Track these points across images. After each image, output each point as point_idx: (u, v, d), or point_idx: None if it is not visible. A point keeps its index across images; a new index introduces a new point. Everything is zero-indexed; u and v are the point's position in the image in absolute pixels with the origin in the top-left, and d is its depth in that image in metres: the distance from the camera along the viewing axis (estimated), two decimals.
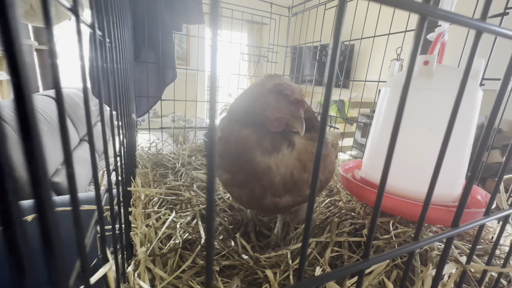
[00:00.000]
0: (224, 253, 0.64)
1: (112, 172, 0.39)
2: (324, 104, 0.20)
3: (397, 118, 0.21)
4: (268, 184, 0.56)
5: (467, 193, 0.29)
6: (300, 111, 0.53)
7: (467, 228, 0.29)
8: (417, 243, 0.25)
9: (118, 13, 0.79)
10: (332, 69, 0.20)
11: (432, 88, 0.58)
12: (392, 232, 0.54)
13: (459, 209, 0.29)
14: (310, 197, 0.21)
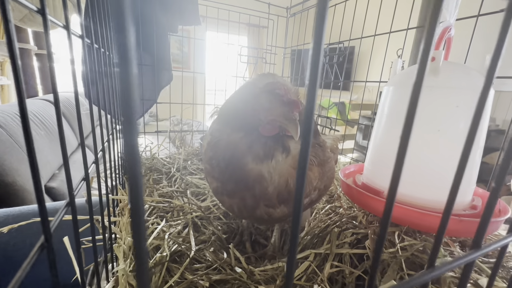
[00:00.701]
0: (215, 266, 0.60)
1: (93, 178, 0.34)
2: (306, 111, 0.16)
3: (408, 119, 0.17)
4: (260, 194, 0.51)
5: (491, 208, 0.24)
6: (295, 113, 0.48)
7: (491, 249, 0.25)
8: (433, 272, 0.21)
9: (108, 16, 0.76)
10: (315, 70, 0.15)
11: (439, 86, 0.53)
12: (398, 245, 0.49)
13: (481, 227, 0.25)
14: (293, 226, 0.16)
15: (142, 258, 0.13)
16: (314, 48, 0.15)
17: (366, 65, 3.55)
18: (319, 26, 0.15)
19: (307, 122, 0.15)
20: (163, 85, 1.54)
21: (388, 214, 0.18)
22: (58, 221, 0.25)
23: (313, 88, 0.16)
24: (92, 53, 0.56)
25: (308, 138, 0.15)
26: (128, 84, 0.11)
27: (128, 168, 0.11)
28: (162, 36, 1.43)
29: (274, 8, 1.63)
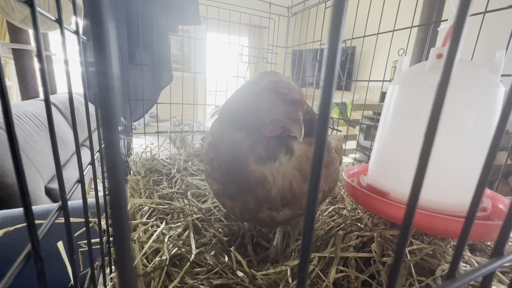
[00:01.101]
0: (216, 270, 0.58)
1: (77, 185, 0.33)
2: (322, 106, 0.14)
3: (432, 121, 0.15)
4: (263, 197, 0.50)
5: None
6: (298, 113, 0.46)
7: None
8: (454, 283, 0.19)
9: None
10: (332, 69, 0.14)
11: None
12: (406, 249, 0.47)
13: (504, 232, 0.23)
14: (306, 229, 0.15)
15: (126, 267, 0.12)
16: (330, 46, 0.14)
17: (367, 65, 3.53)
18: (336, 22, 0.13)
19: (322, 124, 0.14)
20: (163, 85, 1.53)
21: (409, 221, 0.17)
22: (48, 226, 0.23)
23: (329, 88, 0.14)
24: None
25: (323, 140, 0.14)
26: (106, 82, 0.10)
27: (107, 170, 0.10)
28: (163, 36, 1.42)
29: (275, 8, 1.61)
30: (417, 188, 0.17)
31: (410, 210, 0.17)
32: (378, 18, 1.08)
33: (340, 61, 0.57)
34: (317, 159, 0.14)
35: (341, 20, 0.14)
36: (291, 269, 0.57)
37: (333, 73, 0.14)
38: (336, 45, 0.14)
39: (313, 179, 0.14)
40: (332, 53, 0.14)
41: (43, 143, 1.87)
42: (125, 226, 0.11)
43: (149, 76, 1.45)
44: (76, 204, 0.94)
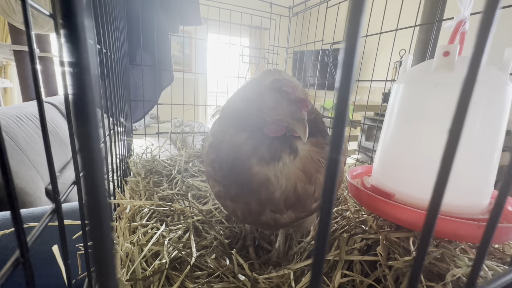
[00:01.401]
0: (217, 273, 0.56)
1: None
2: (337, 106, 0.13)
3: (457, 121, 0.14)
4: (266, 199, 0.48)
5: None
6: (303, 112, 0.44)
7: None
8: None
9: (108, 16, 0.74)
10: (349, 64, 0.13)
11: (454, 82, 0.50)
12: (414, 252, 0.46)
13: None
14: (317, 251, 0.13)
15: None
16: (348, 42, 0.12)
17: (368, 66, 3.51)
18: (355, 16, 0.12)
19: (339, 126, 0.13)
20: (164, 86, 1.52)
21: (430, 228, 0.15)
22: (40, 230, 0.22)
23: (346, 87, 0.13)
24: (95, 53, 0.54)
25: (339, 143, 0.12)
26: (79, 75, 0.08)
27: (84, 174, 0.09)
28: (163, 36, 1.42)
29: (276, 8, 1.60)
30: (439, 192, 0.15)
31: (431, 215, 0.15)
32: (379, 19, 1.07)
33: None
34: (333, 163, 0.13)
35: (361, 15, 0.12)
36: (294, 273, 0.56)
37: (351, 74, 0.13)
38: (354, 43, 0.12)
39: (327, 185, 0.13)
40: (350, 52, 0.12)
41: (41, 144, 1.86)
42: (107, 248, 0.09)
43: (149, 76, 1.44)
44: (75, 206, 0.93)
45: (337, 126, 0.13)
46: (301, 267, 0.57)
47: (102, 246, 0.10)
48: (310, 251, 0.63)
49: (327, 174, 0.13)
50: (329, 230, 0.14)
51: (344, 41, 0.13)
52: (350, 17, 0.12)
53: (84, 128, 0.09)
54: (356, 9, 0.12)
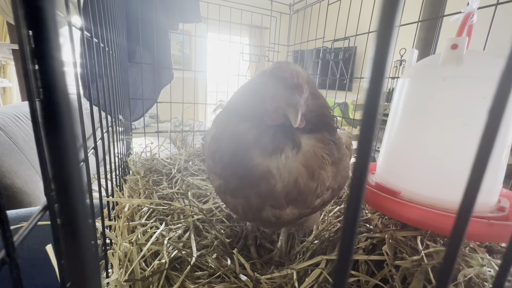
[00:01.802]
0: (218, 273, 0.55)
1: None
2: (365, 115, 0.12)
3: (493, 117, 0.12)
4: (265, 193, 0.47)
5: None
6: (296, 97, 0.42)
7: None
8: None
9: (108, 12, 0.73)
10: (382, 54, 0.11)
11: (462, 76, 0.48)
12: (423, 252, 0.44)
13: None
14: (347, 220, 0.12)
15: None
16: (380, 31, 0.11)
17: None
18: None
19: (367, 130, 0.11)
20: (163, 84, 1.50)
21: (460, 234, 0.14)
22: (29, 229, 0.20)
23: (378, 84, 0.11)
24: (92, 48, 0.53)
25: (368, 147, 0.11)
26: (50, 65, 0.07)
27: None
28: (163, 34, 1.40)
29: (277, 5, 1.59)
30: (471, 195, 0.14)
31: (462, 219, 0.14)
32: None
33: (343, 58, 0.53)
34: (361, 167, 0.11)
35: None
36: (297, 273, 0.54)
37: (383, 69, 0.11)
38: (388, 34, 0.11)
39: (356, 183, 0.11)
40: (383, 44, 0.11)
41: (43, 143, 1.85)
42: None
43: (149, 74, 1.43)
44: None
45: (365, 131, 0.12)
46: (305, 267, 0.55)
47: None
48: (314, 250, 0.62)
49: (354, 179, 0.12)
50: (357, 226, 0.13)
51: (376, 34, 0.11)
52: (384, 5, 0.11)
53: (55, 138, 0.07)
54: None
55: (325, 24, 1.38)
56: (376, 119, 0.11)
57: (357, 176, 0.12)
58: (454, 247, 0.14)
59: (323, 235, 0.69)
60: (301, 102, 0.42)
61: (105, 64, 0.68)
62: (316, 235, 0.69)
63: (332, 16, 1.33)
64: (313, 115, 0.48)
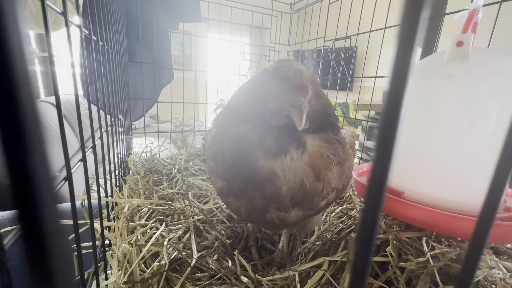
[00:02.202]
0: (219, 275, 0.54)
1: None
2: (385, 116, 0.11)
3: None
4: (271, 195, 0.45)
5: None
6: (301, 98, 0.41)
7: None
8: None
9: (107, 11, 0.72)
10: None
11: (468, 73, 0.47)
12: (428, 253, 0.43)
13: None
14: None
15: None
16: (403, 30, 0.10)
17: (369, 65, 3.48)
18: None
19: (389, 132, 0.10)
20: (163, 83, 1.49)
21: (483, 239, 0.13)
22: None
23: (399, 89, 0.10)
24: (90, 46, 0.52)
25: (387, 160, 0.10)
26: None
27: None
28: (163, 33, 1.39)
29: (278, 5, 1.58)
30: (495, 197, 0.13)
31: (485, 221, 0.13)
32: (381, 17, 1.04)
33: (344, 57, 0.52)
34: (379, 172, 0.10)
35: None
36: (299, 275, 0.53)
37: (406, 73, 0.10)
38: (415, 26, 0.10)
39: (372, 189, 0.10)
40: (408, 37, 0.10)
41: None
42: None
43: (149, 74, 1.42)
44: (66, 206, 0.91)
45: (386, 135, 0.11)
46: (307, 269, 0.54)
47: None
48: (316, 251, 0.61)
49: (371, 177, 0.11)
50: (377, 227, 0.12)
51: (398, 32, 0.10)
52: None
53: (17, 166, 0.06)
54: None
55: (326, 23, 1.37)
56: (397, 128, 0.10)
57: (373, 198, 0.11)
58: (475, 253, 0.13)
59: (325, 236, 0.68)
60: (305, 104, 0.41)
61: (104, 63, 0.67)
62: (318, 236, 0.68)
63: (333, 15, 1.32)
64: (317, 115, 0.47)
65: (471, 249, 0.13)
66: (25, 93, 0.07)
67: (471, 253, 0.13)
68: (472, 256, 0.13)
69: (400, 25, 0.10)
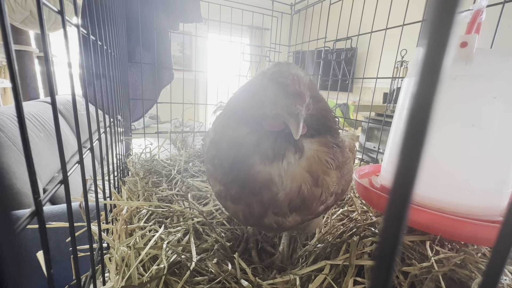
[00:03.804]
0: (219, 279, 0.53)
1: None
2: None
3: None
4: (268, 201, 0.45)
5: None
6: (298, 107, 0.40)
7: None
8: None
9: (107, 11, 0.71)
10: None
11: (472, 75, 0.47)
12: (433, 258, 0.42)
13: None
14: None
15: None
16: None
17: (369, 66, 3.48)
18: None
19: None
20: (163, 84, 1.49)
21: (508, 246, 0.12)
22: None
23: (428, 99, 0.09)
24: (89, 46, 0.51)
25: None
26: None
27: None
28: (163, 33, 1.39)
29: (278, 5, 1.58)
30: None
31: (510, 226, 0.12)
32: (382, 18, 1.04)
33: (345, 58, 0.51)
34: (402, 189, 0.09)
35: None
36: (300, 278, 0.52)
37: (437, 76, 0.10)
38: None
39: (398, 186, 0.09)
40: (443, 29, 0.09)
41: (42, 144, 1.84)
42: None
43: (149, 75, 1.42)
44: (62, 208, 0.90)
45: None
46: (308, 273, 0.53)
47: None
48: (317, 255, 0.60)
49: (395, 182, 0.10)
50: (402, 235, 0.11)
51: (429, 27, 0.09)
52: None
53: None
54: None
55: (327, 24, 1.36)
56: (425, 136, 0.09)
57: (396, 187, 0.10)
58: (499, 263, 0.12)
59: (326, 238, 0.67)
60: (302, 112, 0.41)
61: (103, 64, 0.66)
62: (319, 238, 0.68)
63: (333, 16, 1.32)
64: (314, 119, 0.47)
65: (494, 258, 0.12)
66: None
67: (494, 263, 0.12)
68: (495, 265, 0.12)
69: (431, 21, 0.09)
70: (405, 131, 0.10)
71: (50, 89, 0.28)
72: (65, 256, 0.88)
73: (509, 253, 0.12)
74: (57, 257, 0.93)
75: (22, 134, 0.20)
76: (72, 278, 0.39)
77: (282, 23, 1.63)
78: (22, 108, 0.19)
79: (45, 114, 2.09)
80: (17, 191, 1.49)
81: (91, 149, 0.43)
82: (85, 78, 0.50)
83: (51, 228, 0.66)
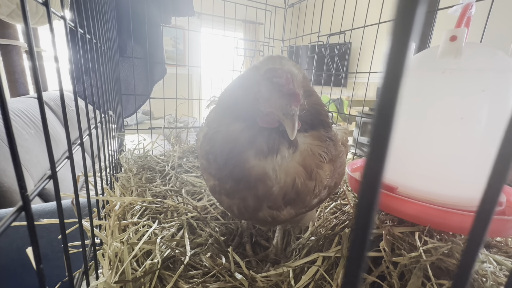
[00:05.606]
0: (213, 272, 0.54)
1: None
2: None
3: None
4: (263, 195, 0.45)
5: None
6: (293, 108, 0.40)
7: None
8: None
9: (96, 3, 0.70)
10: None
11: (461, 68, 0.47)
12: (421, 248, 0.43)
13: None
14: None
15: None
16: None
17: (362, 61, 3.49)
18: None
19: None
20: (156, 79, 1.47)
21: (481, 234, 0.12)
22: (0, 231, 0.18)
23: (394, 86, 0.09)
24: (77, 39, 0.50)
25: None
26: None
27: None
28: (155, 27, 1.36)
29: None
30: (494, 192, 0.12)
31: (483, 216, 0.12)
32: (375, 12, 1.04)
33: (338, 53, 0.51)
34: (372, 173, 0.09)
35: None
36: (293, 271, 0.53)
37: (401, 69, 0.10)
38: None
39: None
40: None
41: (32, 141, 1.80)
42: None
43: (141, 69, 1.39)
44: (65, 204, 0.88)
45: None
46: (301, 265, 0.54)
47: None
48: (310, 247, 0.61)
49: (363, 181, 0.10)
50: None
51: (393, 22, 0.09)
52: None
53: None
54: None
55: (320, 19, 1.36)
56: (391, 126, 0.10)
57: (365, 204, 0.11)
58: (473, 250, 0.13)
59: (319, 231, 0.68)
60: (297, 113, 0.41)
61: (93, 58, 0.65)
62: (312, 231, 0.69)
63: (327, 10, 1.31)
64: (307, 114, 0.47)
65: (468, 246, 0.13)
66: None
67: (469, 250, 0.13)
68: (469, 252, 0.13)
69: (394, 20, 0.09)
70: (373, 122, 0.10)
71: (36, 83, 0.27)
72: (58, 254, 0.87)
73: (482, 241, 0.13)
74: (49, 255, 0.92)
75: (5, 123, 0.20)
76: (65, 275, 0.39)
77: (276, 17, 1.61)
78: (4, 94, 0.19)
79: (35, 111, 2.04)
80: (7, 188, 1.46)
81: (81, 144, 0.42)
82: (74, 73, 0.49)
83: (43, 226, 0.65)
